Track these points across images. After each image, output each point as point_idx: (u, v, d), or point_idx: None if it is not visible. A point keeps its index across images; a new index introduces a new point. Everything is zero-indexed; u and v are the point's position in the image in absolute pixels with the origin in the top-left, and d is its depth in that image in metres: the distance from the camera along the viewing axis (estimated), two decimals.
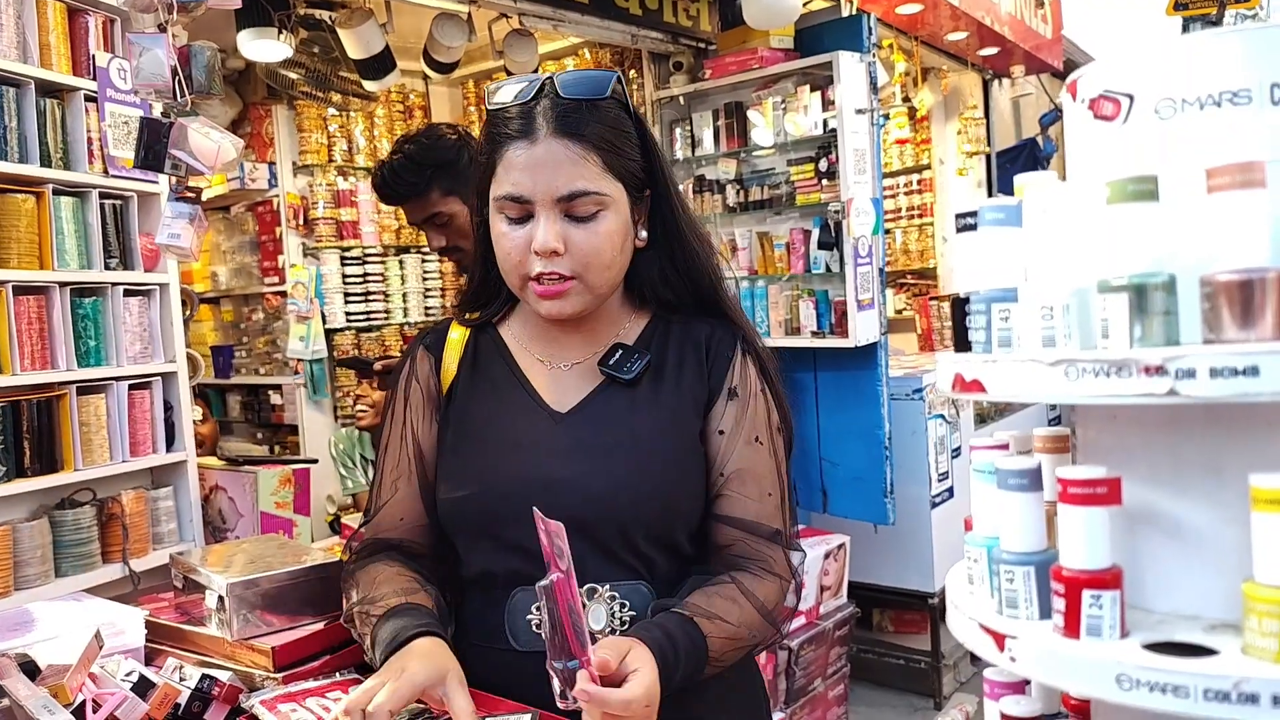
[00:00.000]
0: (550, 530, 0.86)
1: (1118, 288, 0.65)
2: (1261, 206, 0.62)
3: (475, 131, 2.00)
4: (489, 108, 1.13)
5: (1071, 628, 0.68)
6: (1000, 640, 0.72)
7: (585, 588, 1.06)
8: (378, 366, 2.62)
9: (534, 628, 1.09)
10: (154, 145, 1.65)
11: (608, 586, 1.08)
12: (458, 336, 1.22)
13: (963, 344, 0.81)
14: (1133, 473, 0.74)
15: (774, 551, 1.12)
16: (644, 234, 1.16)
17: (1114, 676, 0.64)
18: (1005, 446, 0.84)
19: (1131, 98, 0.73)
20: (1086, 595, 0.67)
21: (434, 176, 2.04)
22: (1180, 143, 0.72)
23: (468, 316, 1.24)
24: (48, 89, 2.31)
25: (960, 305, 0.80)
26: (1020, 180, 0.78)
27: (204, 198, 2.08)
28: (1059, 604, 0.69)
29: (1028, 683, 0.87)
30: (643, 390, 1.13)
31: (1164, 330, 0.64)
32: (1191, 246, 0.66)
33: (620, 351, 1.15)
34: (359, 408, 2.39)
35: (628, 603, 1.08)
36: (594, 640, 0.91)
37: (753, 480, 1.13)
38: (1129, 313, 0.64)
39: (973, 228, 0.78)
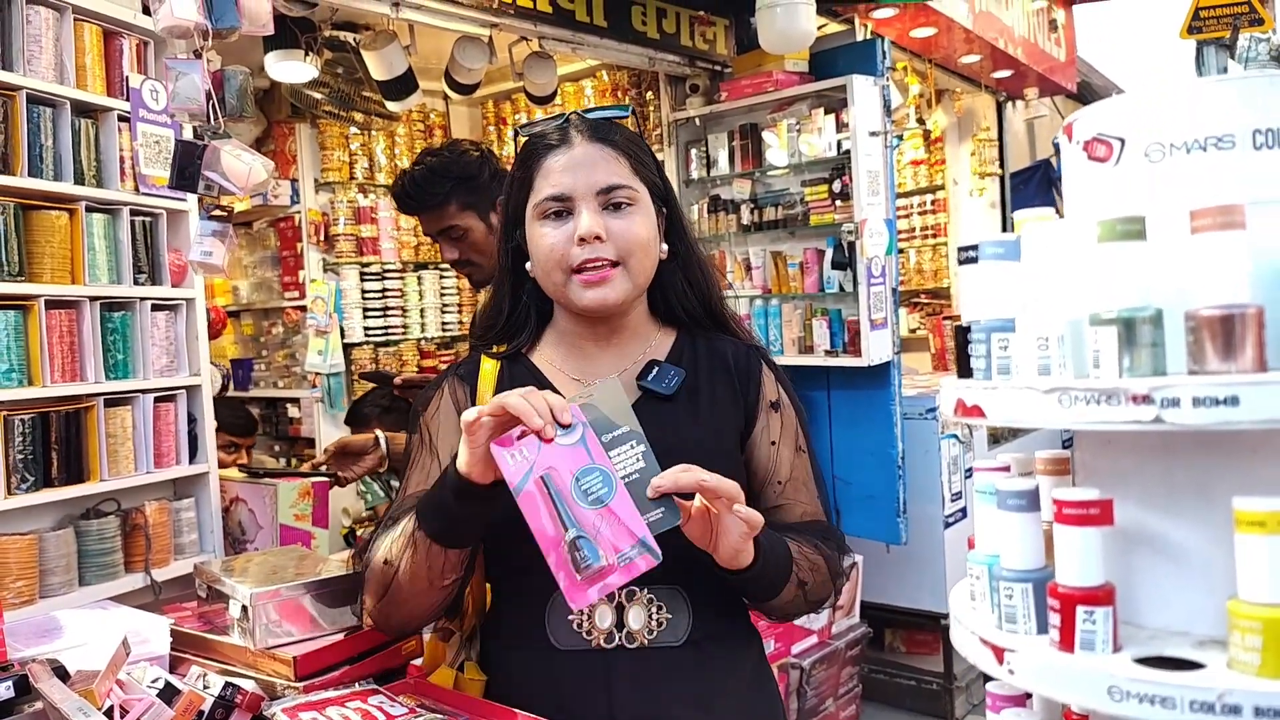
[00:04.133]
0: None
1: (1108, 321, 0.69)
2: (1242, 246, 0.66)
3: (497, 150, 2.07)
4: (524, 134, 1.24)
5: (1066, 642, 0.71)
6: (1000, 654, 0.75)
7: (624, 590, 1.12)
8: (398, 381, 2.67)
9: (574, 628, 1.13)
10: (188, 166, 1.71)
11: (646, 590, 1.13)
12: (490, 368, 1.26)
13: (965, 370, 0.85)
14: (1126, 495, 0.77)
15: (829, 535, 1.21)
16: (665, 246, 1.24)
17: (1106, 688, 0.67)
18: (1007, 469, 0.88)
19: (1123, 141, 0.77)
20: (1081, 611, 0.71)
21: (453, 190, 2.10)
22: (1168, 184, 0.76)
23: (495, 349, 1.28)
24: (82, 109, 2.37)
25: (962, 334, 0.84)
26: (1019, 216, 0.82)
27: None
28: (1055, 619, 0.73)
29: (1029, 696, 0.90)
30: (680, 404, 1.19)
31: (1151, 361, 0.68)
32: (1177, 283, 0.69)
33: (657, 368, 1.21)
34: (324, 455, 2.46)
35: (664, 605, 1.14)
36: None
37: (804, 485, 1.23)
38: (1118, 344, 0.68)
39: (974, 261, 0.82)
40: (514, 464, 0.96)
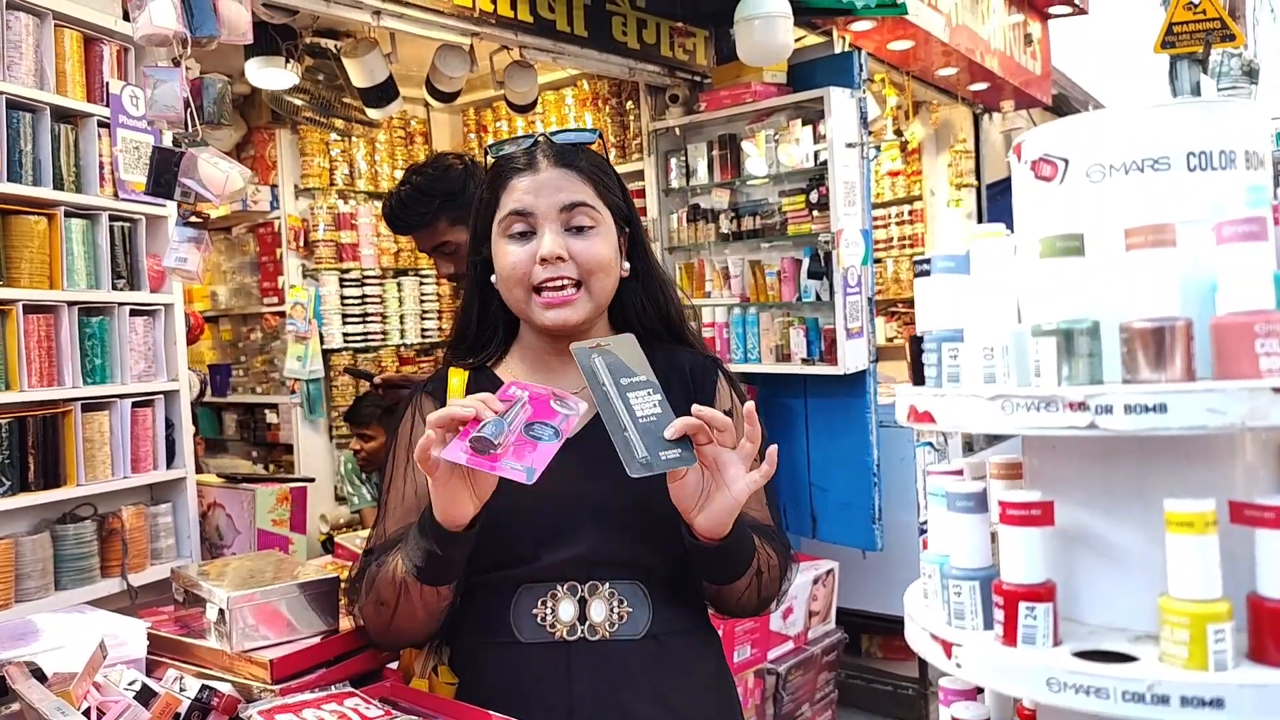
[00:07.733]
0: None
1: (1048, 332, 0.73)
2: (1172, 263, 0.70)
3: (480, 159, 2.09)
4: (494, 156, 1.28)
5: (1009, 637, 0.75)
6: (948, 648, 0.79)
7: (588, 584, 1.17)
8: (378, 379, 2.70)
9: (538, 621, 1.17)
10: (164, 173, 1.72)
11: (608, 585, 1.18)
12: (458, 382, 1.30)
13: (919, 378, 0.89)
14: (1069, 498, 0.81)
15: (777, 539, 1.25)
16: (627, 264, 1.29)
17: (1045, 680, 0.71)
18: (959, 473, 0.91)
19: (1067, 161, 0.81)
20: (1023, 607, 0.74)
21: (441, 206, 2.12)
22: (1108, 203, 0.80)
23: (468, 361, 1.33)
24: (62, 114, 2.38)
25: (916, 343, 0.87)
26: (969, 232, 0.86)
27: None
28: (999, 615, 0.76)
29: (980, 691, 0.94)
30: None
31: (1088, 370, 0.72)
32: (1112, 297, 0.74)
33: None
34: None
35: (625, 600, 1.18)
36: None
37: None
38: (1058, 354, 0.72)
39: (927, 274, 0.86)
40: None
